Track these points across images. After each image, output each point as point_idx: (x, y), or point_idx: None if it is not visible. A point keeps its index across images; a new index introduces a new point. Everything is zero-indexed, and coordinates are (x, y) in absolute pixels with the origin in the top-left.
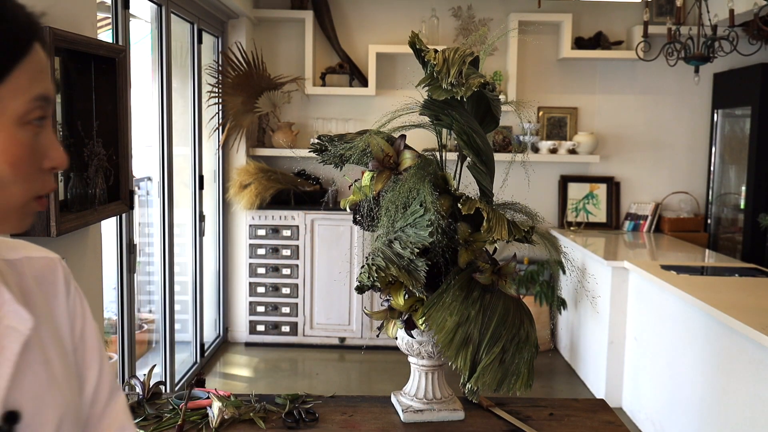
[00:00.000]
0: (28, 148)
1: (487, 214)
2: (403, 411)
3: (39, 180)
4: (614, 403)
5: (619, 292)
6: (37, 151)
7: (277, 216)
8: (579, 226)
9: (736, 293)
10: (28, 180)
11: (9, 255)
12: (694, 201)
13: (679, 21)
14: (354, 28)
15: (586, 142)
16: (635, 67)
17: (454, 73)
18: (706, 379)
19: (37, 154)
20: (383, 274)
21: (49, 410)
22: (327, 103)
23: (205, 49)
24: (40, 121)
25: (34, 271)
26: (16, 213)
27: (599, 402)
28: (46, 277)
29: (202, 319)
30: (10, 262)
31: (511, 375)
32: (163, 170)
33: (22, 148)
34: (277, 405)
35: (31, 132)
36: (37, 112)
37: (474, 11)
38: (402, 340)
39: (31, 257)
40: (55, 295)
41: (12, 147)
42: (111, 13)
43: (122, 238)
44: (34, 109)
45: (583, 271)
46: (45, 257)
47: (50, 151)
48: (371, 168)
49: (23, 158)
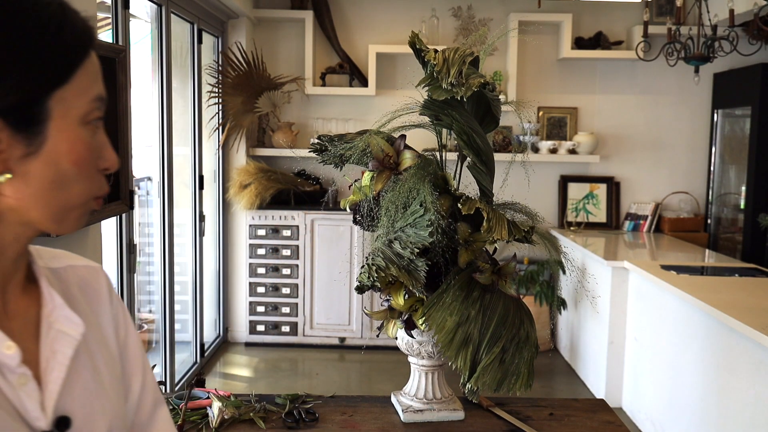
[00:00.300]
0: (90, 148)
1: (487, 214)
2: (403, 411)
3: (96, 180)
4: (614, 403)
5: (619, 292)
6: (96, 151)
7: (277, 216)
8: (579, 226)
9: (736, 293)
10: (88, 179)
11: (53, 263)
12: (694, 201)
13: (679, 21)
14: (354, 28)
15: (586, 142)
16: (635, 67)
17: (454, 73)
18: (706, 379)
19: (95, 155)
20: (383, 274)
21: (99, 417)
22: (327, 103)
23: (205, 49)
24: (96, 122)
25: (78, 279)
26: (75, 212)
27: (599, 402)
28: (91, 285)
29: (202, 319)
30: (54, 270)
31: (511, 375)
32: (163, 170)
33: (85, 148)
34: (277, 405)
35: (91, 132)
36: (96, 113)
37: (474, 11)
38: (402, 340)
39: (74, 266)
40: (100, 303)
41: (77, 146)
42: (111, 13)
43: (122, 238)
44: (93, 110)
45: (583, 271)
46: (87, 266)
47: (104, 151)
48: (371, 168)
49: (86, 158)
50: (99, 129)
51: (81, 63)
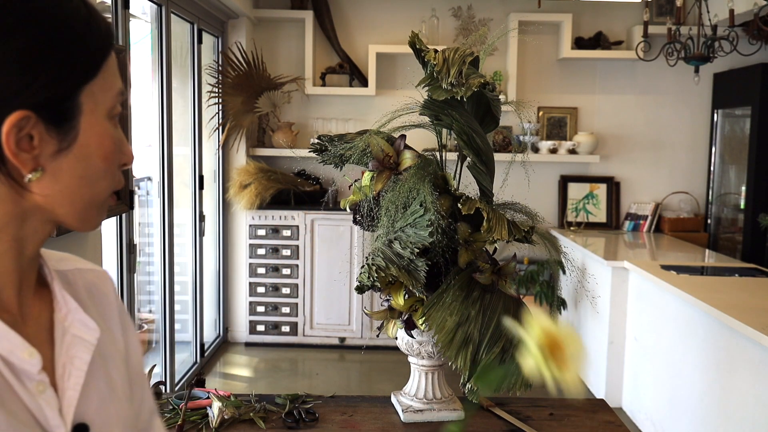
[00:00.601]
0: (116, 143)
1: (487, 214)
2: (403, 411)
3: (117, 175)
4: (614, 403)
5: (619, 292)
6: (119, 146)
7: (277, 216)
8: (579, 226)
9: (736, 293)
10: (112, 174)
11: (60, 266)
12: (694, 201)
13: (679, 21)
14: (354, 28)
15: (586, 142)
16: (635, 67)
17: (454, 73)
18: (706, 379)
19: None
20: (383, 274)
21: (114, 423)
22: (327, 103)
23: (205, 49)
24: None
25: (86, 282)
26: (97, 209)
27: (599, 402)
28: (99, 289)
29: (202, 319)
30: (62, 273)
31: (511, 375)
32: (163, 170)
33: (112, 142)
34: (277, 405)
35: (114, 127)
36: (118, 108)
37: (474, 11)
38: (402, 340)
39: (81, 269)
40: (109, 308)
41: (105, 141)
42: (111, 13)
43: (122, 238)
44: (117, 104)
45: (583, 271)
46: (94, 269)
47: (124, 146)
48: (371, 168)
49: (113, 152)
50: (118, 124)
51: (106, 57)
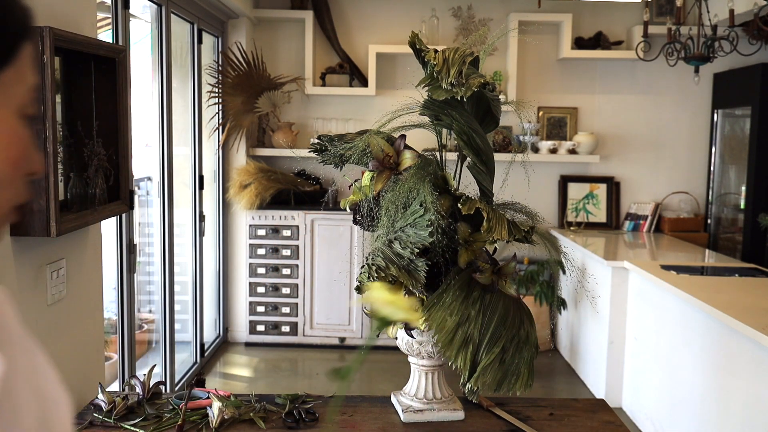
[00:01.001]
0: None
1: (487, 214)
2: (403, 411)
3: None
4: (614, 403)
5: (619, 292)
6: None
7: (277, 216)
8: (579, 226)
9: (736, 293)
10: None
11: None
12: (694, 201)
13: (679, 21)
14: (354, 28)
15: (586, 142)
16: (635, 67)
17: (454, 73)
18: (706, 379)
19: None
20: (383, 274)
21: None
22: (327, 103)
23: (205, 49)
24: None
25: None
26: None
27: (599, 402)
28: None
29: (202, 319)
30: None
31: (511, 375)
32: (163, 170)
33: (22, 146)
34: (277, 405)
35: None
36: (31, 108)
37: (474, 11)
38: (402, 340)
39: None
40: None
41: (15, 142)
42: (111, 13)
43: (122, 238)
44: (31, 102)
45: (583, 271)
46: None
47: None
48: (371, 168)
49: (24, 157)
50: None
51: (23, 44)
